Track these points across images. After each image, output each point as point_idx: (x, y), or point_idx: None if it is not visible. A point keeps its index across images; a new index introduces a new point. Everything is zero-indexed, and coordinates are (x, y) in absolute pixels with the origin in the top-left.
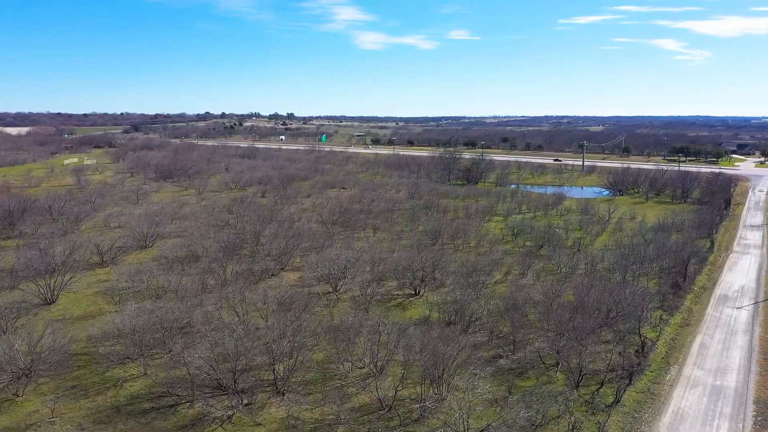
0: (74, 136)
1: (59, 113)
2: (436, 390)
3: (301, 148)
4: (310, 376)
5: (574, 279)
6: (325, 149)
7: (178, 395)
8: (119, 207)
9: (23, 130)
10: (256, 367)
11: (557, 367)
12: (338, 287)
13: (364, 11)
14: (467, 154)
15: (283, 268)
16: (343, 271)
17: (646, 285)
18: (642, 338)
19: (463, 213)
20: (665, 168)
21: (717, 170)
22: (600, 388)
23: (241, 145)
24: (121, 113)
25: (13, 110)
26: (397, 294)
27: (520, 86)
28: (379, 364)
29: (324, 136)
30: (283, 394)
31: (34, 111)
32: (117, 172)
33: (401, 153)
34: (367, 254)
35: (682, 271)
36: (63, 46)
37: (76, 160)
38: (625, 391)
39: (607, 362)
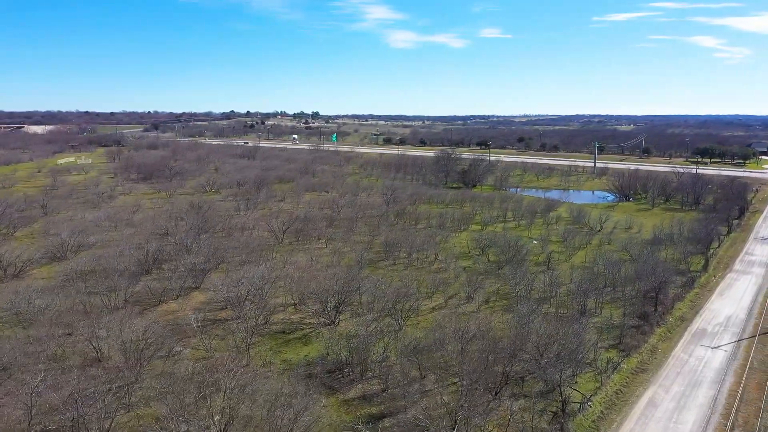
0: (90, 135)
1: (87, 112)
2: None
3: (305, 147)
4: None
5: (521, 307)
6: (331, 148)
7: None
8: (75, 211)
9: (46, 128)
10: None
11: None
12: (243, 313)
13: (395, 10)
14: (466, 155)
15: (198, 287)
16: (258, 293)
17: (610, 315)
18: (563, 397)
19: (438, 221)
20: (681, 171)
21: (738, 173)
22: None
23: (247, 144)
24: (148, 112)
25: (43, 109)
26: (310, 323)
27: (552, 85)
28: (221, 422)
29: (334, 135)
30: None
31: (64, 110)
32: (102, 172)
33: (408, 153)
34: (301, 271)
35: (660, 298)
36: (96, 46)
37: (72, 159)
38: None
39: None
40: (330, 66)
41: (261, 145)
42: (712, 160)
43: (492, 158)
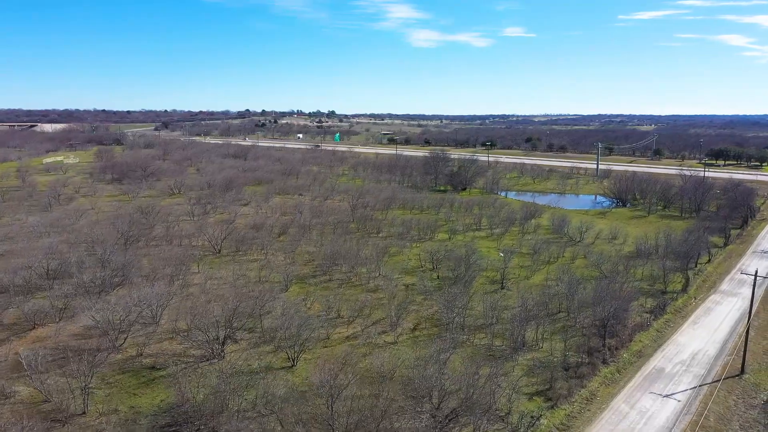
0: (91, 134)
1: (104, 110)
2: None
3: (303, 146)
4: None
5: (434, 343)
6: (328, 148)
7: None
8: (21, 215)
9: (57, 126)
10: None
11: None
12: (120, 342)
13: (418, 9)
14: (462, 155)
15: (92, 307)
16: (153, 318)
17: (551, 350)
18: None
19: (402, 229)
20: (687, 173)
21: (750, 177)
22: None
23: (243, 144)
24: (165, 110)
25: (62, 107)
26: (192, 355)
27: (576, 84)
28: None
29: (337, 134)
30: None
31: (82, 108)
32: (80, 172)
33: (405, 153)
34: (208, 291)
35: (617, 328)
36: (118, 46)
37: (60, 158)
38: None
39: None
40: (351, 65)
41: (260, 144)
42: (727, 162)
43: (491, 159)
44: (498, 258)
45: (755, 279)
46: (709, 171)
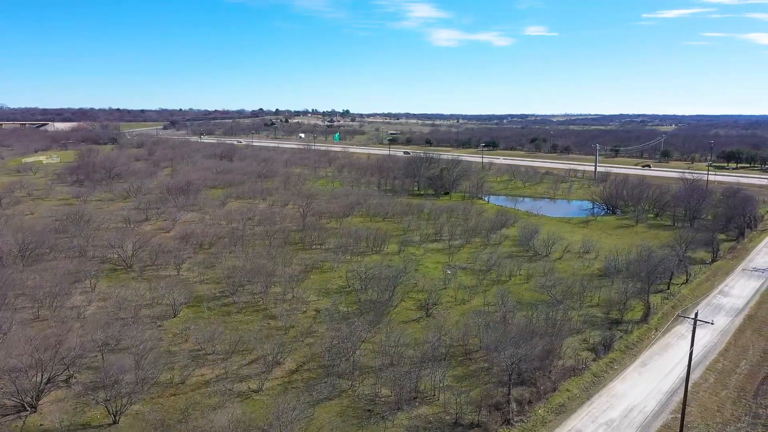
0: (88, 133)
1: (118, 109)
2: None
3: (294, 146)
4: None
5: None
6: (322, 148)
7: None
8: None
9: (67, 125)
10: None
11: None
12: None
13: (439, 8)
14: (447, 156)
15: None
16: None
17: (444, 405)
18: None
19: (347, 241)
20: (690, 177)
21: (761, 181)
22: None
23: (236, 143)
24: (180, 109)
25: (77, 106)
26: (4, 405)
27: (599, 83)
28: None
29: (337, 134)
30: None
31: (97, 107)
32: (49, 173)
33: (398, 154)
34: (93, 315)
35: (536, 375)
36: (141, 45)
37: (41, 158)
38: None
39: None
40: (370, 65)
41: (253, 143)
42: (739, 165)
43: (485, 161)
44: (443, 276)
45: (695, 323)
46: (716, 174)
